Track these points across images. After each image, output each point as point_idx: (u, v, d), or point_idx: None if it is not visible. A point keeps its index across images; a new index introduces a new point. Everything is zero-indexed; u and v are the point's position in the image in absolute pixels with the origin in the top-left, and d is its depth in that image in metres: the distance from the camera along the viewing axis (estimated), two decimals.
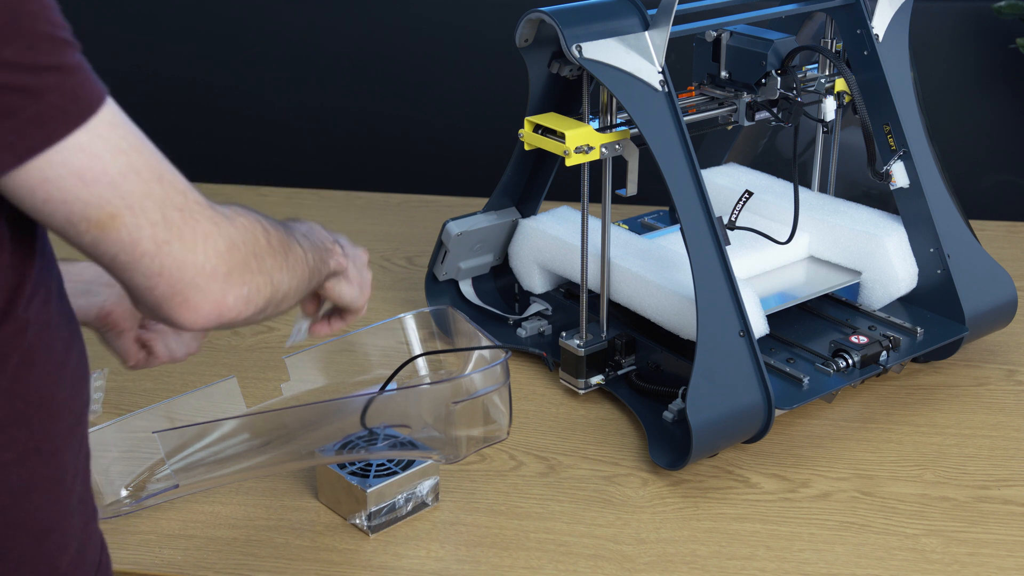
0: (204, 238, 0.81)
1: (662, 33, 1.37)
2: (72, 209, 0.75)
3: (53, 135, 0.73)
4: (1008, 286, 1.60)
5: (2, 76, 0.70)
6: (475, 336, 1.36)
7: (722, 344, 1.34)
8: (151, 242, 0.78)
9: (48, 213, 0.76)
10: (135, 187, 0.77)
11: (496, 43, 2.45)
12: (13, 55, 0.71)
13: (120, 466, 1.34)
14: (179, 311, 0.82)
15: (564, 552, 1.26)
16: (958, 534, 1.28)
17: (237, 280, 0.84)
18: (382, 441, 1.29)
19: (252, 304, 0.87)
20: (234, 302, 0.84)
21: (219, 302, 0.83)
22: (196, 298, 0.82)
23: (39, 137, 0.72)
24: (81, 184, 0.75)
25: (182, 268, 0.80)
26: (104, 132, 0.76)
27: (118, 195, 0.76)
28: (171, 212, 0.80)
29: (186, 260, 0.80)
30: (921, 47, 1.99)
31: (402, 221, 2.14)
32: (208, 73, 2.64)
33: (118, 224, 0.77)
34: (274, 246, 0.92)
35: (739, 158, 1.88)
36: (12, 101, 0.71)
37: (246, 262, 0.85)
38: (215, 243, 0.82)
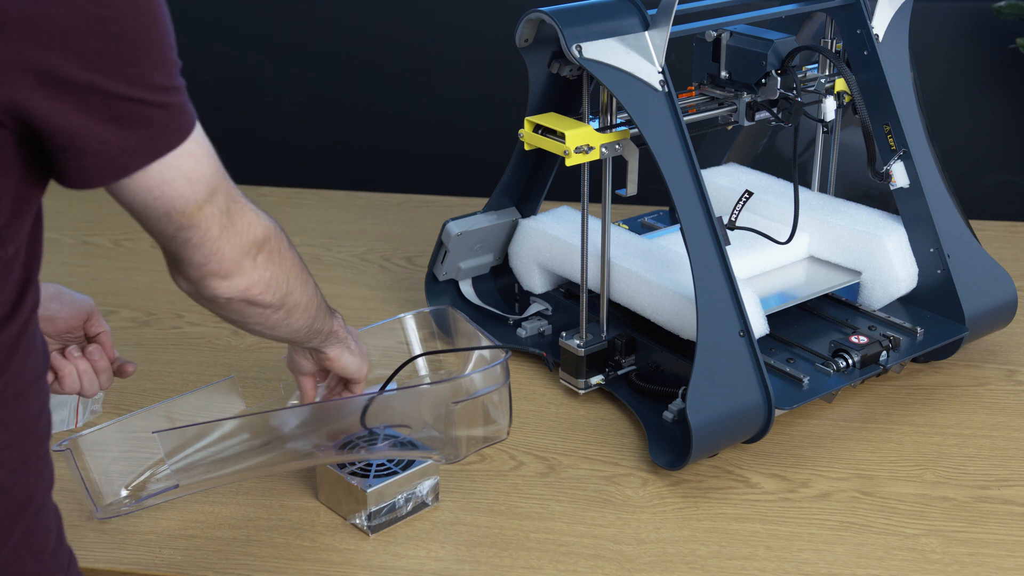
0: (249, 226, 0.98)
1: (662, 33, 1.37)
2: (174, 204, 0.90)
3: (174, 141, 0.87)
4: (1008, 286, 1.60)
5: (148, 94, 0.84)
6: (475, 336, 1.36)
7: (722, 344, 1.34)
8: (218, 227, 0.94)
9: (154, 208, 0.90)
10: (218, 183, 0.93)
11: (496, 43, 2.45)
12: (160, 79, 0.85)
13: (120, 466, 1.34)
14: (220, 283, 0.98)
15: (564, 552, 1.26)
16: (958, 534, 1.28)
17: (264, 263, 1.01)
18: (382, 441, 1.29)
19: (271, 291, 1.03)
20: (259, 279, 1.01)
21: (250, 278, 1.00)
22: (236, 274, 0.99)
23: (165, 143, 0.86)
24: (187, 183, 0.89)
25: (233, 249, 0.97)
26: (200, 139, 0.90)
27: (208, 190, 0.92)
28: (231, 203, 0.95)
29: (236, 242, 0.97)
30: (921, 47, 1.99)
31: (402, 221, 2.14)
32: (208, 73, 2.64)
33: (203, 213, 0.92)
34: (293, 254, 1.07)
35: (739, 158, 1.88)
36: (151, 113, 0.85)
37: (271, 253, 1.02)
38: (254, 231, 0.99)
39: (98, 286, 1.90)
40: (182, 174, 0.89)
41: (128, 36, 0.82)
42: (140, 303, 1.85)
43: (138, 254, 2.03)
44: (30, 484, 0.91)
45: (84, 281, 1.92)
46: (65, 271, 1.95)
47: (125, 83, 0.82)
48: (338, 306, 1.82)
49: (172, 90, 0.87)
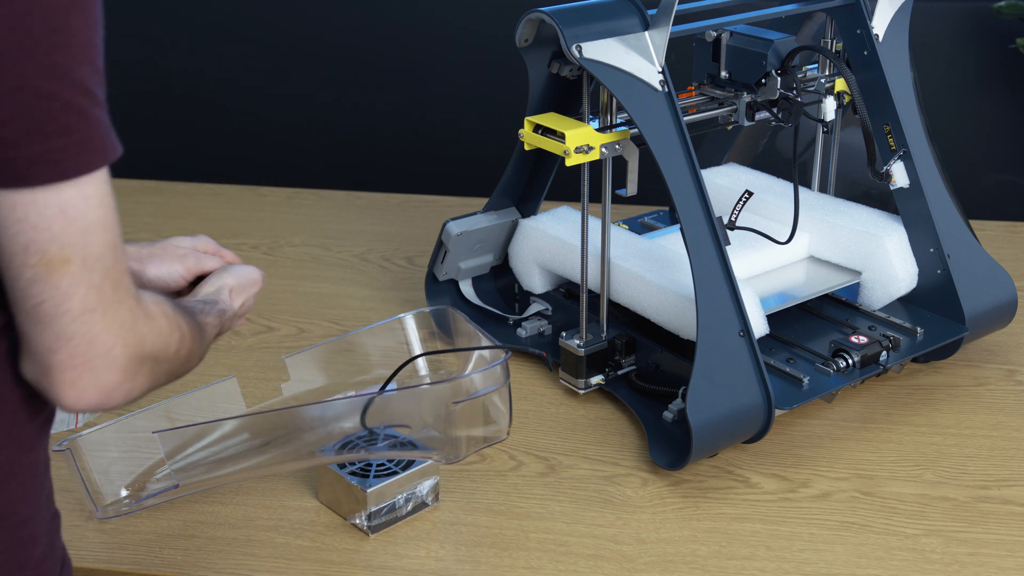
0: (120, 324, 0.80)
1: (662, 33, 1.37)
2: (38, 238, 0.74)
3: (91, 164, 0.74)
4: (1008, 286, 1.60)
5: (71, 93, 0.72)
6: (475, 336, 1.36)
7: (722, 344, 1.34)
8: (80, 303, 0.77)
9: (13, 233, 0.74)
10: (98, 243, 0.77)
11: (496, 43, 2.45)
12: (83, 77, 0.72)
13: (120, 466, 1.34)
14: (65, 387, 0.80)
15: (564, 552, 1.26)
16: (958, 534, 1.28)
17: (129, 376, 0.82)
18: (382, 441, 1.29)
19: (129, 398, 0.85)
20: (116, 395, 0.82)
21: (104, 391, 0.81)
22: (87, 380, 0.80)
23: (80, 163, 0.74)
24: (62, 219, 0.74)
25: (91, 344, 0.79)
26: (103, 179, 0.76)
27: (83, 243, 0.76)
28: (107, 284, 0.79)
29: (97, 337, 0.79)
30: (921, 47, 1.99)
31: (402, 221, 2.14)
32: (208, 73, 2.64)
33: (66, 271, 0.76)
34: (180, 356, 0.91)
35: (739, 158, 1.88)
36: (71, 121, 0.72)
37: (142, 363, 0.84)
38: (126, 334, 0.81)
39: None
40: (60, 203, 0.74)
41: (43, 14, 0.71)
42: None
43: None
44: (13, 494, 0.86)
45: None
46: None
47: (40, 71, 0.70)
48: (338, 306, 1.83)
49: (98, 103, 0.75)
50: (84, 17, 0.73)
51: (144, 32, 2.63)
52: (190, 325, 0.93)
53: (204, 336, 0.99)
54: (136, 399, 0.85)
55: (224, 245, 2.07)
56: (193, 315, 0.97)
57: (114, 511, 1.32)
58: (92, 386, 0.80)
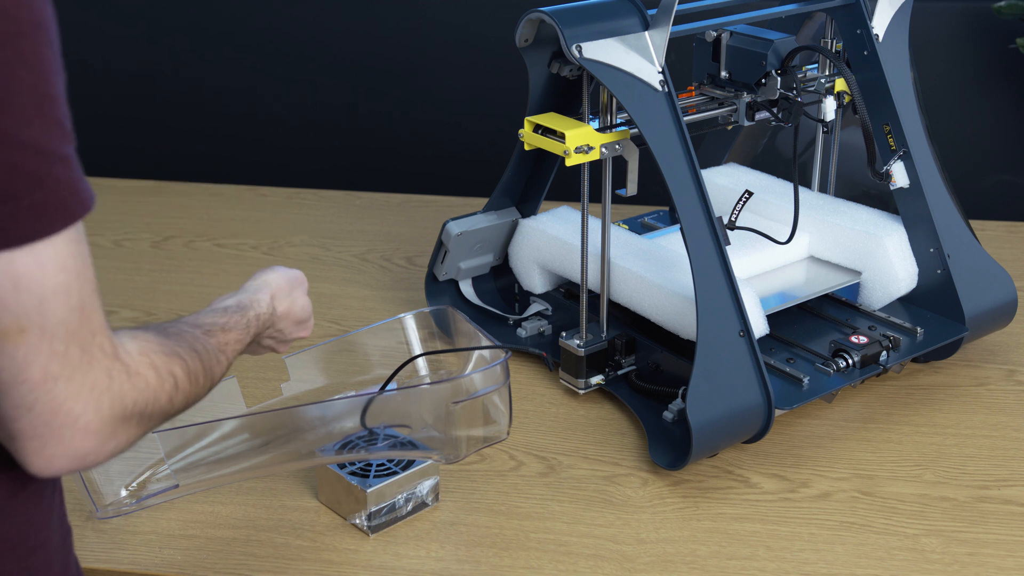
0: (91, 388, 0.74)
1: (662, 33, 1.37)
2: None
3: (45, 229, 0.69)
4: (1008, 286, 1.60)
5: (19, 156, 0.67)
6: (475, 336, 1.36)
7: (722, 344, 1.34)
8: (40, 372, 0.71)
9: None
10: (58, 309, 0.71)
11: (496, 43, 2.44)
12: (33, 137, 0.68)
13: (120, 466, 1.34)
14: (32, 456, 0.74)
15: (564, 552, 1.26)
16: (958, 534, 1.28)
17: (107, 438, 0.76)
18: (382, 441, 1.29)
19: (116, 454, 0.79)
20: (94, 458, 0.76)
21: (76, 457, 0.75)
22: (54, 449, 0.74)
23: (31, 229, 0.68)
24: (13, 289, 0.69)
25: (55, 412, 0.72)
26: (66, 240, 0.70)
27: (39, 311, 0.70)
28: (73, 348, 0.72)
29: (63, 405, 0.73)
30: (921, 47, 1.99)
31: (402, 221, 2.14)
32: (208, 73, 2.64)
33: (21, 340, 0.70)
34: (176, 404, 0.85)
35: (739, 158, 1.88)
36: (19, 186, 0.67)
37: (125, 422, 0.77)
38: (99, 398, 0.74)
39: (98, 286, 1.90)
40: (11, 272, 0.68)
41: None
42: (140, 303, 1.85)
43: (138, 254, 2.03)
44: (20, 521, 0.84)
45: None
46: None
47: None
48: (338, 306, 1.83)
49: (56, 159, 0.69)
50: (32, 70, 0.69)
51: (144, 33, 2.63)
52: (187, 368, 0.86)
53: (213, 367, 0.92)
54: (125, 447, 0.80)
55: (224, 245, 2.08)
56: (195, 348, 0.90)
57: (114, 511, 1.32)
58: (60, 455, 0.74)
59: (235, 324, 1.02)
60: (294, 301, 1.16)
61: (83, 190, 0.72)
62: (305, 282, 1.20)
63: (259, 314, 1.09)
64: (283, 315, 1.15)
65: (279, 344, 1.19)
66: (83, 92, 2.70)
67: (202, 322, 0.98)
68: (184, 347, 0.88)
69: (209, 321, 0.99)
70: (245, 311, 1.06)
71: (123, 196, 2.26)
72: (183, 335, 0.90)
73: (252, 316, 1.07)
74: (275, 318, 1.13)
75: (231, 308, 1.05)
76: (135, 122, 2.70)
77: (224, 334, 0.99)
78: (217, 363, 0.94)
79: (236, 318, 1.03)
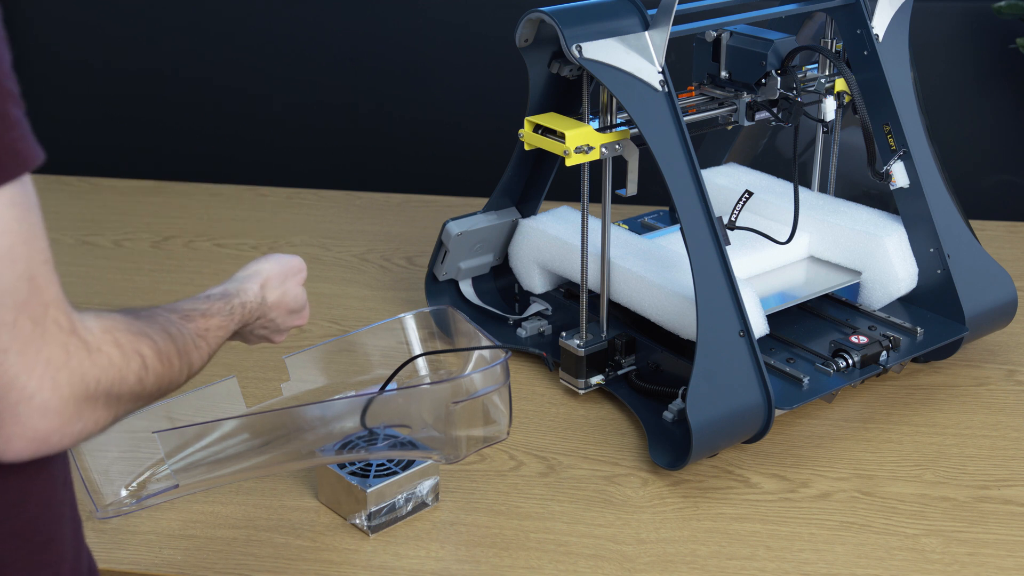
0: (47, 363, 0.71)
1: (662, 33, 1.37)
2: None
3: None
4: (1008, 286, 1.60)
5: None
6: (475, 336, 1.36)
7: (722, 344, 1.34)
8: None
9: None
10: (6, 277, 0.68)
11: (496, 43, 2.45)
12: None
13: (120, 466, 1.34)
14: None
15: (564, 552, 1.26)
16: (958, 534, 1.28)
17: (71, 418, 0.73)
18: (382, 441, 1.29)
19: (83, 438, 0.76)
20: (58, 440, 0.73)
21: (37, 439, 0.72)
22: (12, 428, 0.70)
23: None
24: None
25: (8, 388, 0.69)
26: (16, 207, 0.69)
27: None
28: (24, 320, 0.69)
29: (16, 380, 0.70)
30: (921, 47, 1.99)
31: (402, 221, 2.14)
32: (208, 73, 2.64)
33: None
34: (147, 385, 0.81)
35: (739, 158, 1.88)
36: None
37: (89, 401, 0.74)
38: (56, 373, 0.71)
39: (98, 286, 1.90)
40: None
41: None
42: (140, 303, 1.85)
43: (138, 254, 2.03)
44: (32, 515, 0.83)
45: (84, 281, 1.92)
46: (65, 271, 1.94)
47: None
48: (338, 306, 1.83)
49: None
50: None
51: (144, 33, 2.63)
52: (157, 348, 0.83)
53: (189, 351, 0.89)
54: (98, 434, 0.77)
55: (224, 245, 2.08)
56: (168, 330, 0.87)
57: (114, 511, 1.32)
58: (19, 435, 0.71)
59: (217, 310, 1.00)
60: (286, 291, 1.14)
61: (23, 150, 0.69)
62: (302, 270, 1.18)
63: (244, 302, 1.07)
64: (274, 304, 1.13)
65: (274, 334, 1.17)
66: (83, 92, 2.70)
67: (180, 307, 0.96)
68: (155, 328, 0.85)
69: (188, 307, 0.97)
70: (229, 299, 1.05)
71: (123, 196, 2.26)
72: (155, 317, 0.88)
73: (237, 304, 1.05)
74: (265, 307, 1.11)
75: (214, 295, 1.04)
76: (135, 122, 2.70)
77: (204, 320, 0.97)
78: (195, 348, 0.91)
79: (219, 305, 1.02)
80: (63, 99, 2.69)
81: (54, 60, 2.67)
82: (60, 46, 2.65)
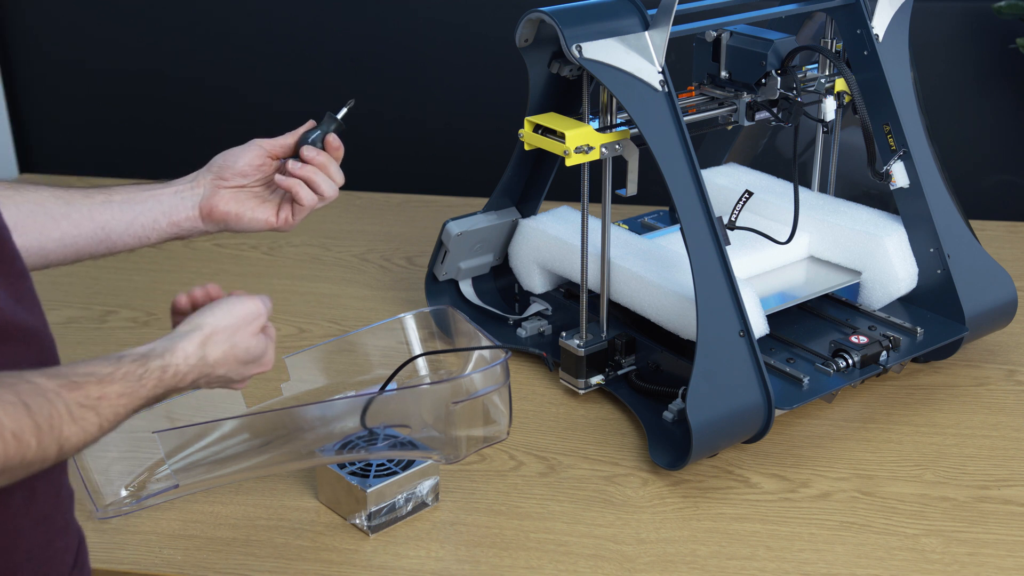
0: None
1: (662, 33, 1.37)
2: None
3: None
4: (1008, 286, 1.60)
5: None
6: (475, 336, 1.36)
7: (722, 344, 1.34)
8: None
9: None
10: None
11: (496, 43, 2.44)
12: None
13: (120, 466, 1.34)
14: None
15: (564, 552, 1.26)
16: (958, 534, 1.28)
17: None
18: (382, 441, 1.29)
19: None
20: None
21: None
22: None
23: None
24: None
25: None
26: None
27: None
28: None
29: None
30: (921, 47, 1.99)
31: (402, 221, 2.14)
32: (208, 73, 2.64)
33: None
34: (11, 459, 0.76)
35: (739, 158, 1.88)
36: None
37: None
38: None
39: (98, 286, 1.90)
40: None
41: None
42: (140, 303, 1.85)
43: (138, 254, 2.02)
44: None
45: (84, 281, 1.92)
46: (66, 271, 1.94)
47: None
48: (338, 306, 1.83)
49: None
50: None
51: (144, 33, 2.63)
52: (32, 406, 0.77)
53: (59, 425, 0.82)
54: None
55: (224, 245, 2.08)
56: (29, 403, 0.79)
57: (114, 511, 1.32)
58: None
59: (123, 376, 0.90)
60: (235, 344, 1.02)
61: None
62: (258, 317, 1.06)
63: (168, 364, 0.95)
64: (219, 362, 1.01)
65: (230, 385, 1.06)
66: (83, 92, 2.70)
67: (72, 372, 0.87)
68: (1, 401, 0.78)
69: (84, 371, 0.87)
70: (147, 361, 0.93)
71: None
72: (13, 386, 0.80)
73: (155, 367, 0.94)
74: (206, 366, 0.99)
75: (128, 357, 0.93)
76: (134, 123, 2.70)
77: (99, 387, 0.87)
78: (72, 420, 0.83)
79: (128, 368, 0.91)
80: (63, 99, 2.69)
81: (54, 61, 2.67)
82: (60, 47, 2.65)
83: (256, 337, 1.05)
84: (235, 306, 1.04)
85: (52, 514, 0.90)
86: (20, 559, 0.87)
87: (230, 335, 1.02)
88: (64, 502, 0.94)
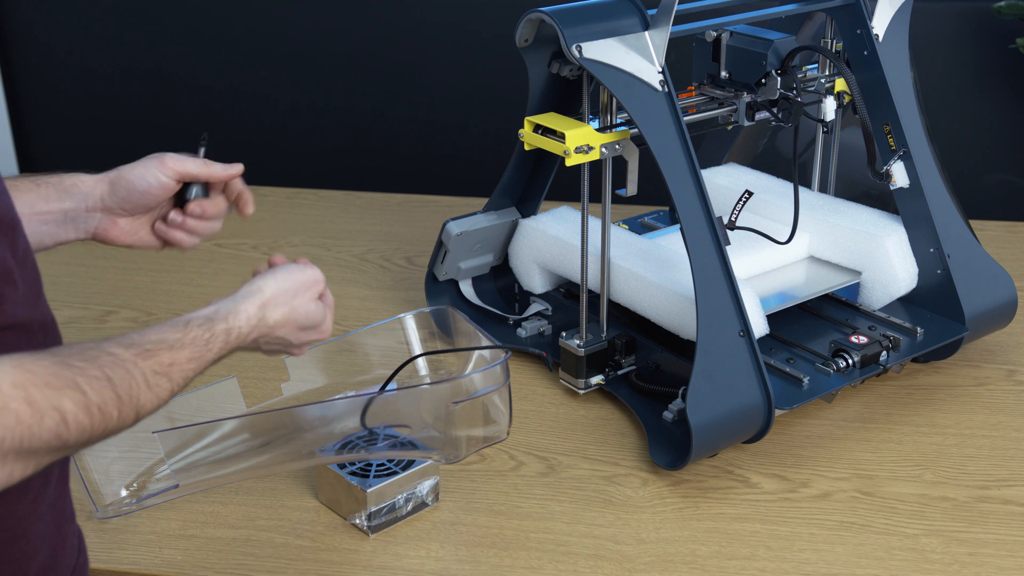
0: None
1: (662, 33, 1.37)
2: None
3: None
4: (1008, 286, 1.60)
5: None
6: (475, 336, 1.36)
7: (722, 344, 1.34)
8: None
9: None
10: None
11: (496, 43, 2.45)
12: None
13: (120, 466, 1.34)
14: None
15: (564, 552, 1.26)
16: (958, 534, 1.28)
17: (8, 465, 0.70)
18: (382, 441, 1.29)
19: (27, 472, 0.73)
20: None
21: None
22: None
23: None
24: None
25: None
26: None
27: None
28: None
29: None
30: (921, 47, 1.99)
31: (402, 221, 2.14)
32: (208, 73, 2.64)
33: None
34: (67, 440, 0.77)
35: (739, 158, 1.88)
36: None
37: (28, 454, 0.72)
38: None
39: (98, 286, 1.90)
40: None
41: None
42: (140, 303, 1.85)
43: (138, 254, 2.02)
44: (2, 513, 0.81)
45: (84, 281, 1.92)
46: (65, 271, 1.95)
47: None
48: (338, 306, 1.81)
49: None
50: None
51: (145, 33, 2.63)
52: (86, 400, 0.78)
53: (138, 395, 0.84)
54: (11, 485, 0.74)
55: (224, 245, 2.08)
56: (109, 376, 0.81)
57: (114, 511, 1.32)
58: None
59: (191, 341, 0.93)
60: (295, 307, 1.07)
61: None
62: (316, 283, 1.11)
63: (232, 327, 0.99)
64: (279, 324, 1.05)
65: (289, 349, 1.10)
66: (83, 91, 2.71)
67: (145, 340, 0.89)
68: (88, 376, 0.79)
69: (155, 339, 0.90)
70: (212, 325, 0.97)
71: None
72: (96, 360, 0.82)
73: (221, 331, 0.97)
74: (266, 327, 1.04)
75: (195, 321, 0.96)
76: (135, 123, 2.70)
77: (171, 353, 0.90)
78: (149, 388, 0.85)
79: (196, 333, 0.94)
80: (63, 99, 2.69)
81: (55, 60, 2.67)
82: (60, 46, 2.65)
83: (315, 303, 1.09)
84: (294, 272, 1.09)
85: (61, 501, 0.92)
86: (37, 542, 0.88)
87: (290, 298, 1.06)
88: (68, 491, 0.95)
